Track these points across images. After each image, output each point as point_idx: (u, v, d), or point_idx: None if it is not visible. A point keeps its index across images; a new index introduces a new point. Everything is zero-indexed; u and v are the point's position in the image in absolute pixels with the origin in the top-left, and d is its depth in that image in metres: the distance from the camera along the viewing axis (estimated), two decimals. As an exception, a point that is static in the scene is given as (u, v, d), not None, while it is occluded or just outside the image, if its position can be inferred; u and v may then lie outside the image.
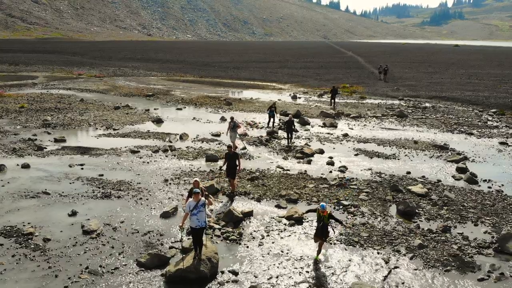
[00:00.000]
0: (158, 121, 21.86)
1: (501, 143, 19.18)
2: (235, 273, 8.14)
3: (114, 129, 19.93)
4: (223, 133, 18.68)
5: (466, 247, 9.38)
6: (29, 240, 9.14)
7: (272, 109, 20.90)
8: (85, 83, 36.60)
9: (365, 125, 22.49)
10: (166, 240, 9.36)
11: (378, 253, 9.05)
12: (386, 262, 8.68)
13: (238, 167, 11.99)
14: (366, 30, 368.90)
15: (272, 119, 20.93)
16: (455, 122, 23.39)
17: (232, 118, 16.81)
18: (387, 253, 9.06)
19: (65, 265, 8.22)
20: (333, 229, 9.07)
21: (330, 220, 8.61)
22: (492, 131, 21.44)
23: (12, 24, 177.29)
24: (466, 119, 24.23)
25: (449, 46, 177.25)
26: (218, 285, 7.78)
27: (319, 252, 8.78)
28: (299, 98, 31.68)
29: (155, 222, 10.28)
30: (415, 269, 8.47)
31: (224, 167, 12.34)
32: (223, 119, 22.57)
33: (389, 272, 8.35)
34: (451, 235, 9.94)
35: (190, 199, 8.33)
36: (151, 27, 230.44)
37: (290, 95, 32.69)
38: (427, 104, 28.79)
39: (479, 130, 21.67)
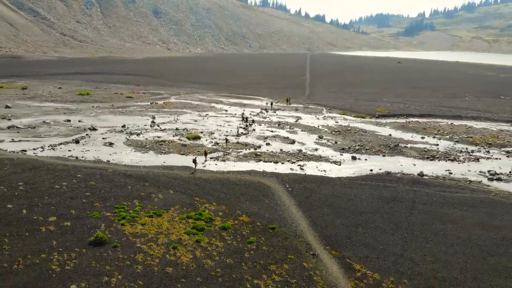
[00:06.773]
0: (227, 110, 78.93)
1: (316, 117, 76.29)
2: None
3: (217, 111, 76.84)
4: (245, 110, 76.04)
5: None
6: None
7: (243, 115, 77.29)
8: (187, 96, 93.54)
9: (283, 112, 79.85)
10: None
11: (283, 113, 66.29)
12: (265, 109, 66.05)
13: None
14: (345, 42, 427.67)
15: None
16: (309, 111, 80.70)
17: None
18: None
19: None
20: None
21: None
22: (318, 114, 78.56)
23: (68, 42, 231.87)
24: (315, 111, 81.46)
25: (394, 62, 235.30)
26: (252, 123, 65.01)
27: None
28: (268, 103, 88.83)
29: (240, 109, 67.41)
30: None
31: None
32: (244, 108, 79.70)
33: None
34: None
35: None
36: (169, 42, 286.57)
37: (266, 102, 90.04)
38: (311, 106, 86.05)
39: (314, 114, 78.82)
